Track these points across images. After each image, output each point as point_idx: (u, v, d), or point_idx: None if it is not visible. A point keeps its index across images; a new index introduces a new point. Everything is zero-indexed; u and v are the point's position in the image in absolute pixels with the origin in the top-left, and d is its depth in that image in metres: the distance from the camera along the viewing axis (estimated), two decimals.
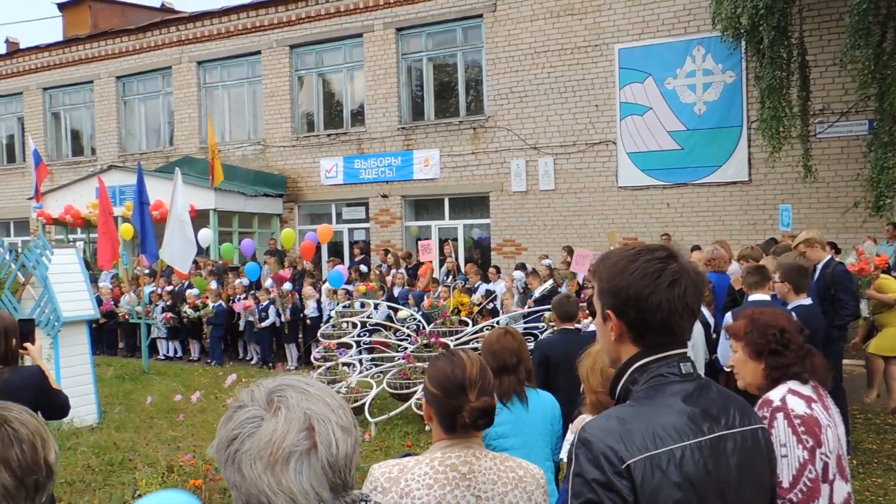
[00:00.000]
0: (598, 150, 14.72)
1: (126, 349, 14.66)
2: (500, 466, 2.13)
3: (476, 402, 2.09)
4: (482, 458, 2.11)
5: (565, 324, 5.24)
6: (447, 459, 2.07)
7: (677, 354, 1.62)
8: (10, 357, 3.62)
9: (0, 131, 23.05)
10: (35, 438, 1.51)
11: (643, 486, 1.46)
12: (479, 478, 2.07)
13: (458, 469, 2.06)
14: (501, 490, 2.09)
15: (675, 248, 1.70)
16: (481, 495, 2.06)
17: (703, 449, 1.53)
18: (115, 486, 6.27)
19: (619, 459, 1.47)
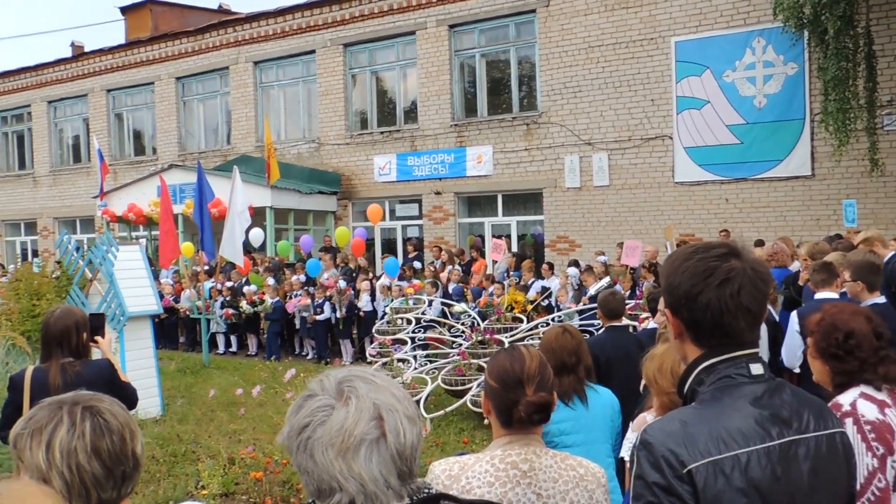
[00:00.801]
0: (654, 145, 14.50)
1: (187, 343, 15.03)
2: (561, 465, 2.12)
3: (532, 397, 2.09)
4: (542, 456, 2.10)
5: (612, 321, 5.12)
6: (507, 457, 2.07)
7: (746, 355, 1.58)
8: (81, 350, 3.74)
9: (67, 132, 23.85)
10: (125, 430, 1.56)
11: (705, 492, 1.44)
12: (540, 476, 2.07)
13: (518, 467, 2.06)
14: (562, 488, 2.08)
15: (740, 245, 1.65)
16: (542, 493, 2.06)
17: (772, 454, 1.49)
18: (179, 476, 6.43)
19: (680, 463, 1.45)
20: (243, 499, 5.82)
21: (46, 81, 23.53)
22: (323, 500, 1.32)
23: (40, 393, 3.46)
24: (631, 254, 10.75)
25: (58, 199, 23.29)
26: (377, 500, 1.31)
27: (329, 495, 1.30)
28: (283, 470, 5.99)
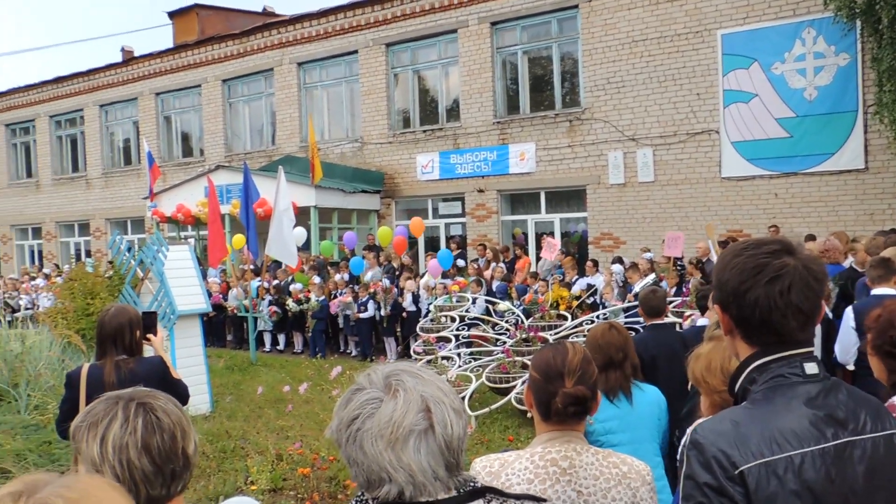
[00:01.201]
0: (700, 139, 14.27)
1: (234, 341, 15.29)
2: (603, 462, 2.10)
3: (569, 389, 2.08)
4: (583, 454, 2.09)
5: (653, 319, 5.04)
6: (547, 454, 2.07)
7: (800, 354, 1.55)
8: (134, 348, 3.82)
9: (118, 135, 24.44)
10: (176, 429, 1.58)
11: (757, 493, 1.42)
12: (580, 473, 2.05)
13: (558, 464, 2.05)
14: (604, 486, 2.06)
15: (794, 242, 1.62)
16: (582, 491, 2.04)
17: (826, 456, 1.46)
18: (229, 472, 6.55)
19: (731, 464, 1.43)
20: (291, 494, 5.89)
21: (98, 86, 24.14)
22: (372, 491, 1.35)
23: (96, 389, 3.55)
24: (673, 245, 10.61)
25: (109, 201, 23.88)
26: (425, 490, 1.33)
27: (378, 486, 1.33)
28: (329, 466, 6.06)
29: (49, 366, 8.30)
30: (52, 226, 25.62)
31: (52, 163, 25.63)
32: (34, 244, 26.61)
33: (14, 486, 0.95)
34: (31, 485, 0.95)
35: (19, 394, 7.65)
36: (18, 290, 19.39)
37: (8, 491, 0.93)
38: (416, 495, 1.33)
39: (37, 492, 0.93)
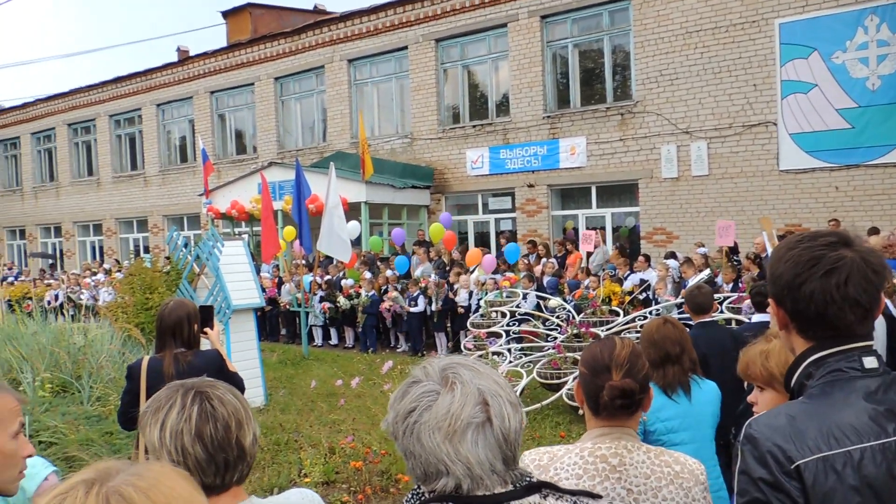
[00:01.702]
0: (757, 131, 13.93)
1: (287, 336, 15.52)
2: (655, 460, 2.06)
3: (616, 381, 2.05)
4: (634, 451, 2.05)
5: (700, 316, 4.91)
6: (597, 450, 2.04)
7: (859, 348, 1.51)
8: (192, 341, 3.91)
9: (174, 133, 25.02)
10: (230, 419, 1.59)
11: (815, 489, 1.39)
12: (631, 471, 2.02)
13: (607, 461, 2.02)
14: (655, 485, 2.02)
15: (853, 234, 1.57)
16: (632, 489, 2.01)
17: (888, 451, 1.42)
18: (283, 464, 6.64)
19: (787, 459, 1.41)
20: (343, 487, 5.96)
21: (155, 85, 24.74)
22: (429, 483, 1.35)
23: (155, 381, 3.64)
24: (725, 234, 10.39)
25: (166, 198, 24.47)
26: (482, 484, 1.33)
27: (435, 479, 1.33)
28: (381, 460, 6.11)
29: (110, 358, 8.55)
30: (111, 222, 26.37)
31: (112, 161, 26.36)
32: (95, 240, 27.42)
33: (87, 473, 0.97)
34: (103, 473, 0.97)
35: (82, 385, 7.90)
36: (80, 286, 20.01)
37: (82, 479, 0.96)
38: (473, 489, 1.33)
39: (109, 480, 0.95)
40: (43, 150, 28.99)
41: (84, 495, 0.92)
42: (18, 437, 1.82)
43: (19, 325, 9.32)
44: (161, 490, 0.95)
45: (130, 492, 0.93)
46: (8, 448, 1.78)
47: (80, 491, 0.93)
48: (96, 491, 0.93)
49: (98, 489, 0.93)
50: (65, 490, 0.94)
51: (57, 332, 8.96)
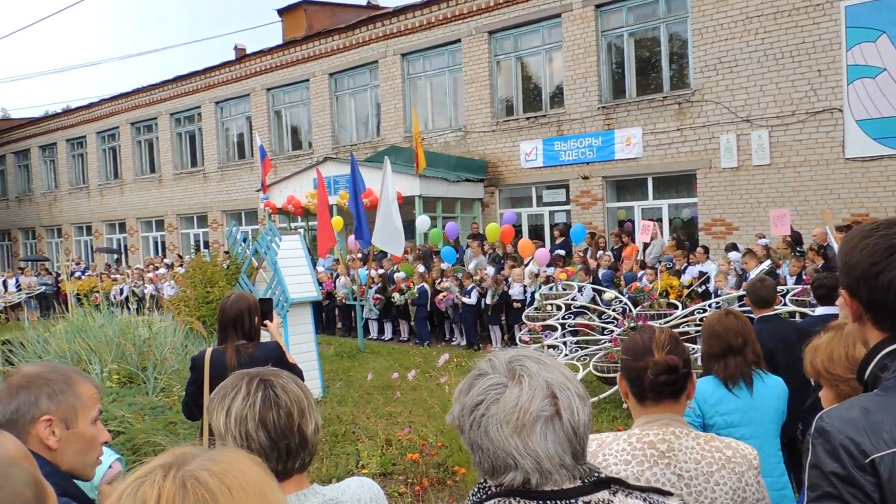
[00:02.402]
0: (821, 119, 13.49)
1: (343, 329, 15.70)
2: (705, 446, 2.02)
3: (659, 357, 2.01)
4: (683, 437, 2.01)
5: (762, 310, 4.72)
6: (645, 437, 2.02)
7: None
8: (253, 333, 3.97)
9: (232, 130, 25.51)
10: (293, 407, 1.64)
11: (891, 484, 1.33)
12: (680, 456, 1.98)
13: (655, 447, 1.99)
14: (706, 470, 1.98)
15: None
16: (683, 474, 1.97)
17: None
18: (340, 455, 6.73)
19: (861, 453, 1.35)
20: (400, 479, 6.00)
21: (213, 84, 25.25)
22: (497, 477, 1.34)
23: (218, 372, 3.72)
24: (780, 223, 10.09)
25: (225, 194, 24.98)
26: (551, 478, 1.31)
27: (503, 472, 1.32)
28: (438, 452, 6.13)
29: (173, 350, 8.78)
30: (173, 218, 27.06)
31: (173, 158, 27.02)
32: (157, 236, 28.18)
33: (164, 458, 1.01)
34: (180, 457, 1.00)
35: (147, 377, 8.13)
36: (144, 280, 20.60)
37: (159, 463, 0.99)
38: (541, 483, 1.31)
39: (185, 464, 0.98)
40: (108, 149, 29.89)
41: (162, 479, 0.96)
42: (97, 424, 1.89)
43: (88, 318, 9.63)
44: (234, 475, 0.98)
45: (206, 476, 0.96)
46: (89, 433, 1.85)
47: (159, 475, 0.96)
48: (173, 475, 0.96)
49: (175, 473, 0.96)
50: (143, 474, 0.98)
51: (123, 325, 9.24)
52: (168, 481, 0.95)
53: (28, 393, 1.78)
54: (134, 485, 0.96)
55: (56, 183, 32.17)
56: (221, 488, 0.95)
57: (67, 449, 1.81)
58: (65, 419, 1.80)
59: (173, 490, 0.94)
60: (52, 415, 1.78)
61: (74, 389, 1.84)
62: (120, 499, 0.95)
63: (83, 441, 1.84)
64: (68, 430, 1.81)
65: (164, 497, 0.93)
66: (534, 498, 1.31)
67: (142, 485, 0.96)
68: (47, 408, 1.78)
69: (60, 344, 8.71)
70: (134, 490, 0.95)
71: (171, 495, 0.94)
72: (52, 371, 1.86)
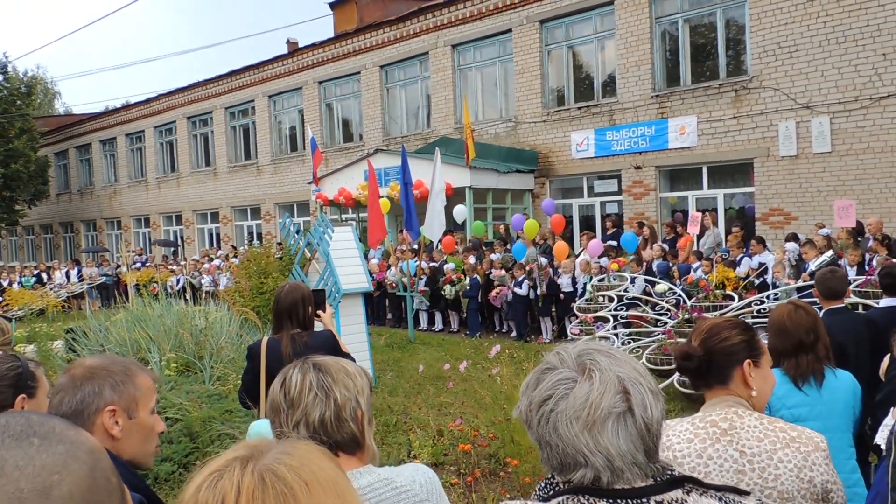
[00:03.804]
0: (887, 104, 13.00)
1: (393, 320, 15.79)
2: (769, 426, 2.02)
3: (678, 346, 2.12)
4: (745, 416, 2.03)
5: (832, 302, 4.51)
6: (707, 417, 2.04)
7: None
8: (307, 322, 4.02)
9: (284, 123, 25.84)
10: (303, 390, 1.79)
11: None
12: (742, 434, 1.99)
13: (717, 425, 2.01)
14: (769, 448, 1.97)
15: None
16: (745, 451, 1.97)
17: None
18: (392, 445, 6.76)
19: None
20: (452, 469, 6.00)
21: (267, 77, 25.60)
22: (566, 474, 1.31)
23: (274, 361, 3.77)
24: (844, 214, 9.75)
25: (278, 186, 25.33)
26: (622, 477, 1.28)
27: (573, 469, 1.29)
28: (490, 444, 6.12)
29: (229, 340, 8.95)
30: (227, 210, 27.57)
31: (227, 151, 27.51)
32: (212, 227, 28.76)
33: (240, 451, 1.01)
34: (256, 450, 1.00)
35: (204, 366, 8.30)
36: (200, 271, 21.05)
37: (236, 455, 0.99)
38: (612, 481, 1.28)
39: (262, 458, 0.98)
40: (165, 143, 30.59)
41: (240, 472, 0.96)
42: (155, 414, 1.94)
43: (147, 308, 9.87)
44: (310, 468, 0.98)
45: (283, 470, 0.96)
46: (149, 422, 1.91)
47: (237, 468, 0.96)
48: (251, 468, 0.96)
49: (253, 467, 0.96)
50: (221, 467, 0.98)
51: (180, 315, 9.44)
52: (247, 475, 0.95)
53: (92, 384, 1.84)
54: (212, 478, 0.96)
55: (116, 176, 33.08)
56: (299, 483, 0.95)
57: (130, 438, 1.86)
58: (127, 409, 1.85)
59: (253, 484, 0.94)
60: (116, 405, 1.84)
61: (135, 380, 1.89)
62: (199, 492, 0.95)
63: (144, 430, 1.89)
64: (130, 419, 1.86)
65: (244, 491, 0.93)
66: (604, 496, 1.28)
67: (220, 478, 0.96)
68: (111, 398, 1.83)
69: (121, 333, 8.96)
70: (213, 483, 0.95)
71: (251, 490, 0.93)
72: (113, 363, 1.92)
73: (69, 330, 10.07)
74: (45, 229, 37.83)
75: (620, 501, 1.28)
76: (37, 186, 32.11)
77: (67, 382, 1.84)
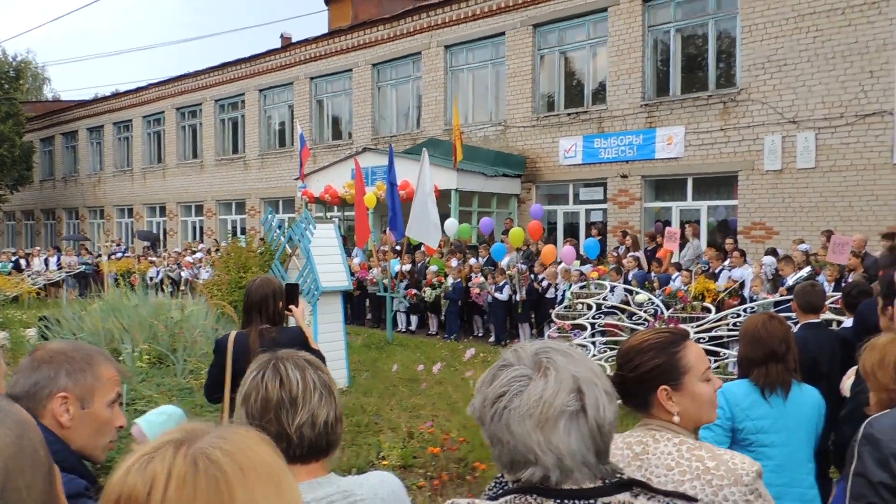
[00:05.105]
0: (871, 122, 13.08)
1: (372, 320, 15.73)
2: (685, 454, 1.86)
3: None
4: (661, 442, 1.89)
5: (809, 316, 4.55)
6: (628, 437, 1.95)
7: None
8: (277, 317, 3.96)
9: (274, 118, 25.73)
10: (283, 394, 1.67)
11: None
12: (653, 460, 1.87)
13: (632, 448, 1.91)
14: (677, 478, 1.83)
15: None
16: (651, 479, 1.84)
17: None
18: (362, 446, 6.71)
19: None
20: (420, 472, 5.97)
21: (258, 71, 25.47)
22: (515, 472, 1.29)
23: (241, 356, 3.71)
24: (840, 251, 9.72)
25: (264, 181, 25.22)
26: (571, 476, 1.26)
27: (522, 467, 1.27)
28: (459, 447, 6.08)
29: (204, 334, 8.87)
30: (212, 204, 27.42)
31: (215, 144, 27.36)
32: (196, 220, 28.59)
33: (175, 434, 0.97)
34: (191, 434, 0.96)
35: (177, 358, 8.22)
36: (180, 264, 20.88)
37: (170, 439, 0.96)
38: (561, 481, 1.26)
39: (196, 441, 0.95)
40: (152, 133, 30.39)
41: (172, 455, 0.92)
42: (114, 407, 1.88)
43: (123, 298, 9.77)
44: (246, 454, 0.94)
45: (218, 455, 0.92)
46: (104, 415, 1.85)
47: (169, 451, 0.93)
48: (184, 452, 0.92)
49: (186, 450, 0.93)
50: (152, 450, 0.94)
51: (156, 307, 9.36)
52: (179, 459, 0.91)
53: (49, 368, 1.79)
54: (142, 461, 0.92)
55: (101, 165, 32.83)
56: (234, 468, 0.91)
57: (80, 428, 1.81)
58: (81, 398, 1.80)
59: (185, 468, 0.90)
60: (69, 392, 1.79)
61: (94, 370, 1.84)
62: (128, 474, 0.91)
63: (98, 422, 1.83)
64: (83, 409, 1.81)
65: (175, 475, 0.90)
66: (552, 496, 1.26)
67: (151, 461, 0.92)
68: (64, 384, 1.79)
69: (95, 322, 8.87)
70: (142, 466, 0.91)
71: (183, 474, 0.90)
72: (77, 350, 1.86)
73: (42, 317, 9.95)
74: (27, 215, 37.50)
75: (568, 502, 1.26)
76: (20, 172, 31.86)
77: (27, 364, 1.81)
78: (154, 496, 0.88)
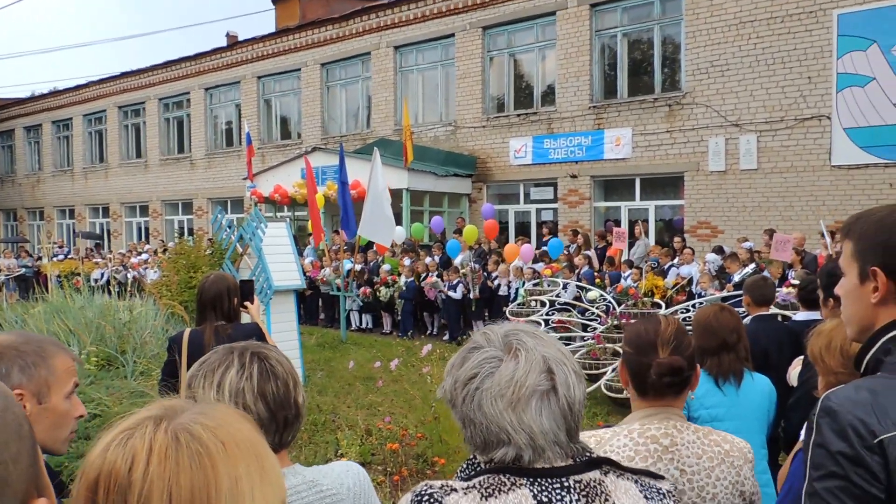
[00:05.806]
0: (810, 125, 13.56)
1: (326, 320, 15.62)
2: (705, 440, 2.00)
3: (663, 358, 1.98)
4: (684, 431, 1.99)
5: (761, 309, 4.74)
6: (647, 431, 1.98)
7: None
8: (232, 314, 3.92)
9: (221, 118, 25.32)
10: (289, 378, 1.63)
11: None
12: (683, 451, 1.96)
13: (659, 441, 1.96)
14: (707, 465, 1.97)
15: None
16: (685, 469, 1.95)
17: None
18: (320, 444, 6.68)
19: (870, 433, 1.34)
20: (379, 469, 5.97)
21: (204, 70, 25.04)
22: (488, 452, 1.31)
23: (196, 353, 3.66)
24: (782, 248, 10.07)
25: (212, 181, 24.80)
26: (543, 455, 1.29)
27: (495, 448, 1.29)
28: (417, 443, 6.10)
29: (154, 334, 8.69)
30: (157, 204, 26.85)
31: (160, 144, 26.80)
32: (141, 221, 27.96)
33: (153, 410, 0.96)
34: (171, 410, 0.95)
35: (126, 360, 8.03)
36: (125, 265, 20.40)
37: (149, 415, 0.94)
38: (533, 460, 1.29)
39: (176, 417, 0.94)
40: (94, 132, 29.60)
41: (153, 431, 0.91)
42: (72, 398, 1.82)
43: (67, 299, 9.51)
44: (228, 430, 0.94)
45: (199, 430, 0.91)
46: (62, 407, 1.78)
47: (149, 427, 0.91)
48: (164, 427, 0.91)
49: (167, 426, 0.92)
50: (132, 426, 0.92)
51: (103, 308, 9.12)
52: (160, 434, 0.90)
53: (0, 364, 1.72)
54: (122, 436, 0.91)
55: (40, 165, 31.84)
56: (216, 443, 0.91)
57: (39, 424, 1.72)
58: (37, 393, 1.73)
59: (166, 443, 0.89)
60: (24, 389, 1.71)
61: (48, 362, 1.76)
62: (108, 450, 0.90)
63: (55, 416, 1.77)
64: (40, 404, 1.73)
65: (156, 451, 0.88)
66: (525, 475, 1.29)
67: (131, 436, 0.90)
68: (19, 381, 1.70)
69: (39, 324, 8.60)
70: (123, 442, 0.90)
71: (164, 448, 0.88)
72: (27, 342, 1.78)
73: None
74: None
75: (540, 480, 1.28)
76: None
77: None
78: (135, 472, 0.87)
